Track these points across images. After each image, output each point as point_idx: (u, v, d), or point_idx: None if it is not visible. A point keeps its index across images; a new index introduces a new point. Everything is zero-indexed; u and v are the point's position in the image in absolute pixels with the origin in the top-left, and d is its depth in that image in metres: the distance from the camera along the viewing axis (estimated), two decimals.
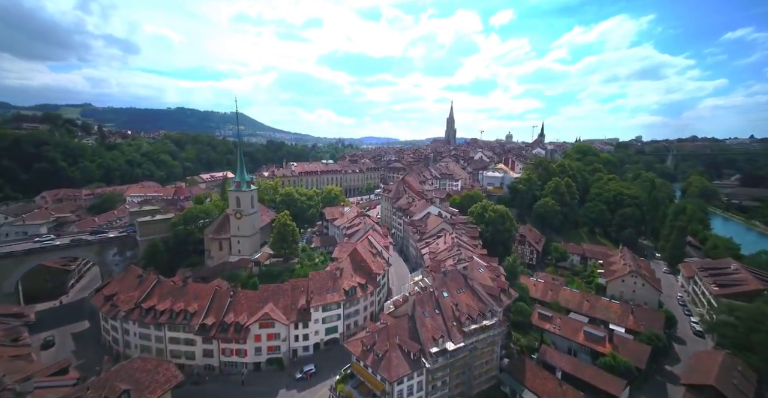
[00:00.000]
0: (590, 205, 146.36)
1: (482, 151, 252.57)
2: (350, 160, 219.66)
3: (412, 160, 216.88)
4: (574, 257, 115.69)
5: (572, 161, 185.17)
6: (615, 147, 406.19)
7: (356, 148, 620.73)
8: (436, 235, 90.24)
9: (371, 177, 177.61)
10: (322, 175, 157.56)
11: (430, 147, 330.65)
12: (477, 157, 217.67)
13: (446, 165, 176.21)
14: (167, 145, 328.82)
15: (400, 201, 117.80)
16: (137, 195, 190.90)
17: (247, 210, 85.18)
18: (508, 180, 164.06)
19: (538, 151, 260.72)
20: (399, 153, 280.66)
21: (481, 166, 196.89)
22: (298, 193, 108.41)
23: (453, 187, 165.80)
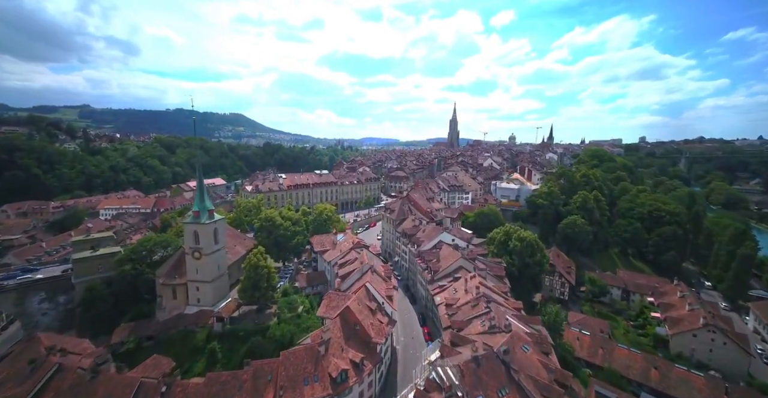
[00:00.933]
0: (623, 223, 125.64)
1: (491, 156, 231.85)
2: (348, 168, 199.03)
3: (415, 166, 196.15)
4: (614, 290, 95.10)
5: (593, 170, 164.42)
6: (624, 149, 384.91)
7: (356, 150, 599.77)
8: (453, 276, 69.66)
9: (370, 188, 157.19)
10: (315, 187, 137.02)
11: (434, 151, 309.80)
12: (486, 164, 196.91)
13: (455, 174, 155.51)
14: (156, 149, 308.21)
15: (404, 224, 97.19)
16: (112, 207, 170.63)
17: (208, 248, 64.67)
18: (525, 192, 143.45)
19: (550, 156, 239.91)
20: (401, 158, 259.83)
21: (492, 174, 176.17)
22: (281, 216, 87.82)
23: (463, 200, 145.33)
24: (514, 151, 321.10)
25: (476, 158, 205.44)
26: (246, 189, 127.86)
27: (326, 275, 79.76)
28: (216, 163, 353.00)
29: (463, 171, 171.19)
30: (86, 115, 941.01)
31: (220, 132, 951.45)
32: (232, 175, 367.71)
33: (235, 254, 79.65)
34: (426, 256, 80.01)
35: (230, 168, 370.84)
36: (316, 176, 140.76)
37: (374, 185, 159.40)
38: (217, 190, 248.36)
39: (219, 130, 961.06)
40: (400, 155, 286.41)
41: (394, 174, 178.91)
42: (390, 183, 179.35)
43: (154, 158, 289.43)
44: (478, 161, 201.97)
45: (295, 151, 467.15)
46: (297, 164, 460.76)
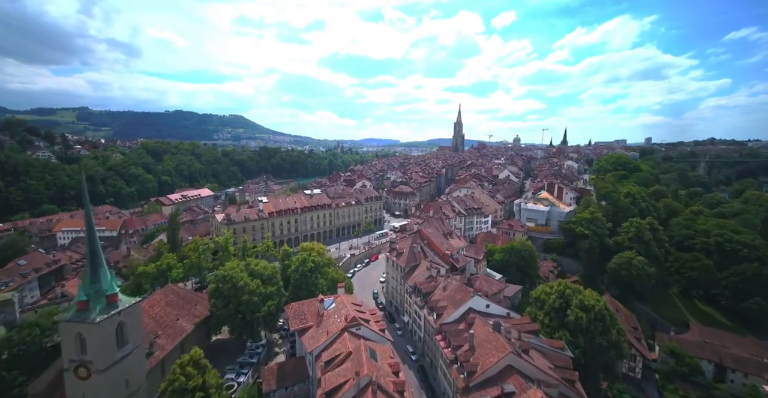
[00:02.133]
0: (686, 258, 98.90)
1: (505, 164, 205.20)
2: (345, 180, 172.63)
3: (422, 179, 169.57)
4: (703, 363, 68.71)
5: (630, 185, 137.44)
6: (639, 153, 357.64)
7: (356, 153, 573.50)
8: (501, 387, 43.43)
9: (371, 209, 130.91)
10: (305, 212, 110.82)
11: (439, 157, 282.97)
12: (503, 176, 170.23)
13: (471, 193, 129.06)
14: (141, 155, 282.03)
15: (416, 274, 71.08)
16: (70, 229, 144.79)
17: (105, 359, 38.53)
18: (556, 215, 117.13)
19: (569, 164, 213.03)
20: (404, 167, 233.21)
21: (512, 190, 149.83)
22: (249, 271, 61.70)
23: (483, 225, 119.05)
24: (525, 155, 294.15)
25: (491, 170, 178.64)
26: (216, 217, 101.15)
27: (307, 367, 53.62)
28: (208, 169, 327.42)
29: (479, 185, 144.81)
30: (84, 118, 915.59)
31: (219, 134, 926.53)
32: (225, 181, 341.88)
33: (173, 337, 53.50)
34: (452, 336, 53.70)
35: (223, 174, 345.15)
36: (306, 198, 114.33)
37: (375, 204, 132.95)
38: (203, 202, 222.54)
39: (218, 132, 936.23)
40: (403, 162, 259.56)
41: (398, 189, 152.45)
42: (394, 199, 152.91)
43: (138, 166, 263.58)
44: (492, 172, 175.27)
45: (293, 155, 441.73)
46: (294, 169, 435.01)
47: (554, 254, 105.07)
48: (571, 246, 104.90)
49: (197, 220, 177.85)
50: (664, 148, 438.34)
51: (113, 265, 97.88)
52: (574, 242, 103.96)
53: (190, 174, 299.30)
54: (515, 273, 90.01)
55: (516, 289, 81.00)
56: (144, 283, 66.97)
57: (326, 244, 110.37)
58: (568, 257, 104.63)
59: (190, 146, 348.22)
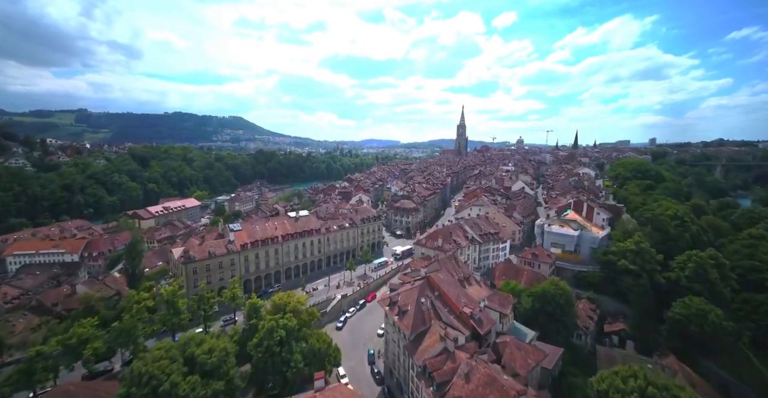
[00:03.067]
0: (760, 299, 78.32)
1: (516, 173, 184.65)
2: (340, 193, 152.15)
3: (426, 191, 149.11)
4: None
5: (669, 202, 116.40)
6: (652, 156, 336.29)
7: (356, 155, 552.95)
8: None
9: (369, 231, 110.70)
10: (288, 242, 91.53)
11: (443, 162, 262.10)
12: (516, 188, 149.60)
13: (485, 214, 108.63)
14: (127, 161, 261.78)
15: (425, 347, 50.92)
16: (23, 254, 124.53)
17: None
18: (589, 240, 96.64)
19: (585, 172, 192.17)
20: (405, 174, 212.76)
21: (530, 206, 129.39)
22: (185, 355, 41.71)
23: (500, 251, 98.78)
24: (534, 160, 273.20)
25: (502, 180, 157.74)
26: (173, 253, 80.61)
27: None
28: (199, 175, 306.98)
29: (491, 201, 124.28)
30: (83, 120, 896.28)
31: (219, 135, 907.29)
32: (217, 187, 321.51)
33: None
34: None
35: (216, 180, 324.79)
36: (290, 222, 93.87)
37: (374, 226, 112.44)
38: (189, 214, 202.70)
39: (217, 134, 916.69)
40: (404, 169, 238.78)
41: (400, 204, 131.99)
42: (395, 216, 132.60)
43: (122, 174, 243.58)
44: (504, 183, 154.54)
45: (290, 158, 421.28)
46: (291, 173, 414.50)
47: (590, 292, 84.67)
48: (610, 282, 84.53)
49: (177, 237, 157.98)
50: (676, 151, 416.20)
51: (48, 307, 77.86)
52: (615, 277, 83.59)
53: (179, 180, 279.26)
54: (548, 322, 69.93)
55: (556, 355, 60.75)
56: (40, 371, 46.46)
57: (312, 279, 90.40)
58: (608, 296, 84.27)
59: (182, 151, 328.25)
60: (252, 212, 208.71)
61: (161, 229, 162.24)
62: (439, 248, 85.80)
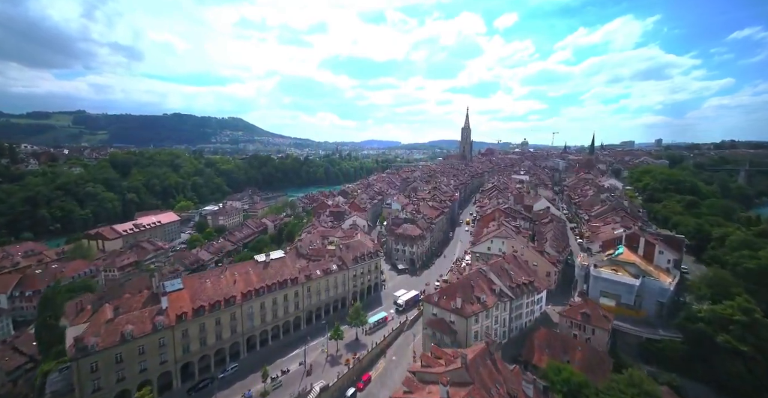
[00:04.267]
0: None
1: (535, 187, 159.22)
2: (332, 214, 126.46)
3: (432, 212, 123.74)
4: None
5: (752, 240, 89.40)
6: (668, 160, 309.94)
7: (355, 158, 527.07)
8: None
9: (365, 271, 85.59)
10: (251, 300, 66.88)
11: (447, 170, 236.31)
12: (540, 207, 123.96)
13: (509, 246, 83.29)
14: (105, 169, 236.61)
15: None
16: None
17: None
18: (656, 292, 71.26)
19: (611, 183, 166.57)
20: (407, 184, 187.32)
21: (560, 233, 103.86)
22: None
23: (535, 306, 73.52)
24: (548, 167, 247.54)
25: (521, 197, 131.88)
26: (68, 337, 54.58)
27: None
28: (186, 182, 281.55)
29: (513, 227, 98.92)
30: (81, 121, 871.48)
31: (218, 136, 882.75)
32: (206, 196, 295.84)
33: None
34: None
35: (205, 187, 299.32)
36: (257, 270, 68.42)
37: (370, 264, 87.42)
38: (165, 232, 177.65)
39: (216, 135, 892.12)
40: (406, 179, 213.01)
41: (402, 230, 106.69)
42: (396, 245, 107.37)
43: (98, 183, 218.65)
44: (524, 201, 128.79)
45: (286, 163, 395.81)
46: (287, 178, 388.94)
47: (671, 374, 59.26)
48: (700, 360, 59.32)
49: (144, 263, 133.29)
50: (692, 154, 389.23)
51: None
52: (709, 355, 58.39)
53: (163, 189, 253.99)
54: None
55: None
56: None
57: (285, 350, 65.12)
58: (699, 382, 58.82)
59: (168, 156, 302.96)
60: (237, 227, 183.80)
61: (126, 253, 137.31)
62: (459, 311, 60.79)
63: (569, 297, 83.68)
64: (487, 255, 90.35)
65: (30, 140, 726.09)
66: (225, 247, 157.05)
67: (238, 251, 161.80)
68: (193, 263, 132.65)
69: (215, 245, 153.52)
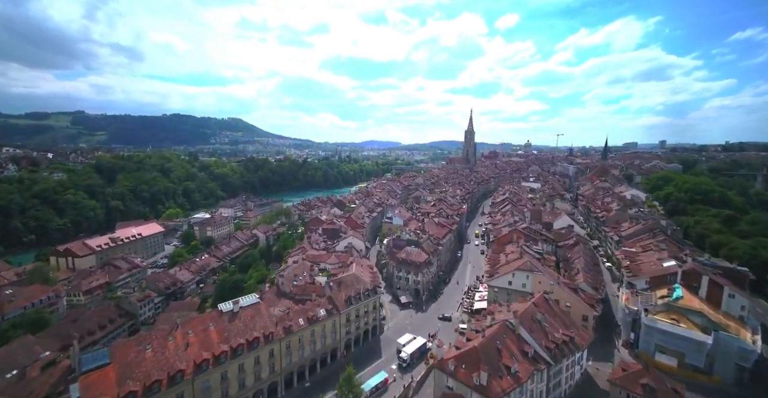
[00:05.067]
0: None
1: (548, 196, 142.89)
2: (324, 233, 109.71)
3: (440, 230, 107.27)
4: None
5: None
6: (682, 165, 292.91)
7: (355, 160, 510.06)
8: None
9: (360, 314, 69.49)
10: (204, 374, 45.62)
11: (451, 176, 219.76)
12: (561, 226, 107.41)
13: (536, 283, 66.78)
14: (88, 175, 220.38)
15: None
16: None
17: None
18: (735, 354, 54.78)
19: (633, 193, 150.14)
20: (409, 193, 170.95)
21: (590, 262, 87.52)
22: None
23: (575, 368, 57.01)
24: (558, 173, 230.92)
25: (539, 213, 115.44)
26: None
27: None
28: (177, 188, 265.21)
29: (533, 253, 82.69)
30: (79, 122, 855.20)
31: (217, 137, 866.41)
32: (199, 202, 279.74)
33: None
34: None
35: (198, 192, 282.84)
36: (219, 326, 52.59)
37: (369, 303, 71.12)
38: (146, 245, 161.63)
39: (216, 136, 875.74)
40: (408, 186, 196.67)
41: (405, 255, 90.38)
42: (398, 271, 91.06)
43: (80, 190, 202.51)
44: (543, 218, 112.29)
45: (283, 166, 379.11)
46: (285, 182, 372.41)
47: None
48: None
49: (115, 285, 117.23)
50: (704, 156, 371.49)
51: None
52: None
53: (152, 195, 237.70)
54: None
55: None
56: None
57: None
58: None
59: (159, 159, 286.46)
60: (225, 240, 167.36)
61: (96, 273, 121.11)
62: (484, 390, 44.50)
63: (609, 346, 67.52)
64: (508, 291, 74.09)
65: (28, 141, 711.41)
66: (209, 264, 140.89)
67: (224, 268, 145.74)
68: (169, 286, 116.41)
69: (198, 262, 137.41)
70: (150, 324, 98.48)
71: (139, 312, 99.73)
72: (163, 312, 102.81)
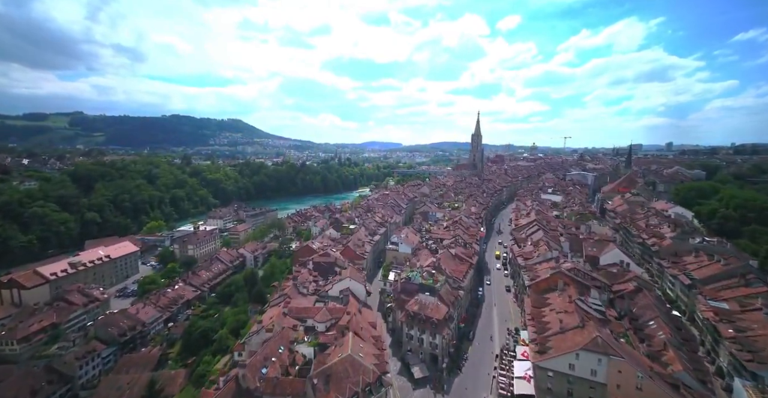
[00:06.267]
0: None
1: (579, 215, 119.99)
2: (315, 267, 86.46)
3: (460, 266, 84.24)
4: None
5: None
6: (705, 171, 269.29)
7: (355, 163, 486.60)
8: None
9: None
10: None
11: (460, 187, 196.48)
12: (610, 261, 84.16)
13: (617, 371, 44.04)
14: (63, 184, 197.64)
15: None
16: None
17: None
18: None
19: (678, 211, 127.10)
20: (416, 208, 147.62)
21: (664, 315, 64.58)
22: None
23: None
24: (575, 181, 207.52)
25: (579, 243, 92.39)
26: None
27: None
28: (163, 196, 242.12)
29: (589, 308, 60.18)
30: (77, 123, 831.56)
31: (216, 139, 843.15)
32: (188, 210, 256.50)
33: None
34: None
35: (187, 201, 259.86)
36: None
37: None
38: (116, 268, 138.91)
39: (215, 137, 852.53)
40: (413, 199, 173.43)
41: (418, 307, 67.75)
42: (409, 328, 68.28)
43: (51, 201, 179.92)
44: (586, 249, 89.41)
45: (280, 171, 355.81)
46: (282, 187, 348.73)
47: None
48: None
49: (62, 329, 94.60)
50: (725, 162, 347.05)
51: None
52: None
53: (134, 205, 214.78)
54: None
55: None
56: None
57: None
58: None
59: (146, 165, 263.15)
60: (207, 262, 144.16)
61: (42, 312, 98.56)
62: None
63: None
64: (569, 378, 51.26)
65: (24, 142, 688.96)
66: (184, 296, 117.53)
67: (203, 299, 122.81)
68: (125, 332, 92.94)
69: (169, 294, 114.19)
70: (93, 388, 76.31)
71: (78, 373, 77.15)
72: (111, 370, 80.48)
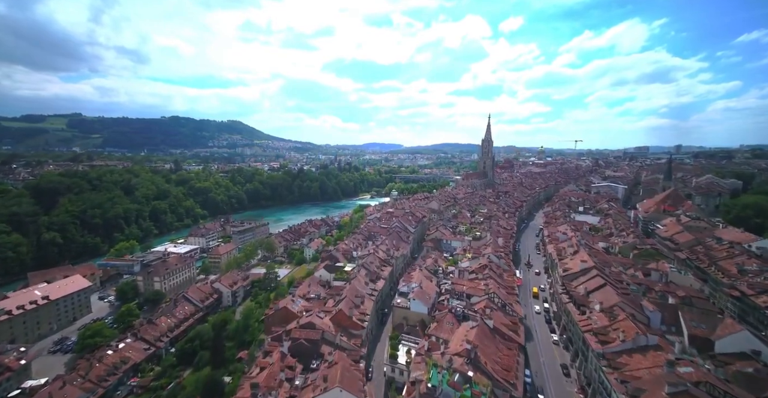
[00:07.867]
0: None
1: (630, 247, 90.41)
2: (293, 359, 58.85)
3: (506, 351, 54.55)
4: None
5: None
6: (736, 177, 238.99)
7: (356, 167, 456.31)
8: None
9: None
10: None
11: (472, 195, 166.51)
12: (737, 349, 54.68)
13: None
14: (17, 200, 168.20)
15: None
16: None
17: None
18: None
19: (762, 245, 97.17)
20: (426, 234, 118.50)
21: None
22: None
23: None
24: (607, 195, 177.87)
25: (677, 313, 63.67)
26: None
27: None
28: (140, 209, 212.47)
29: None
30: (75, 125, 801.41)
31: (215, 140, 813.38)
32: (170, 224, 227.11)
33: None
34: None
35: (171, 213, 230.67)
36: None
37: None
38: (56, 311, 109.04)
39: (214, 139, 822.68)
40: (422, 220, 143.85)
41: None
42: None
43: (1, 221, 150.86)
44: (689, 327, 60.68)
45: (275, 178, 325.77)
46: (277, 195, 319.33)
47: None
48: None
49: None
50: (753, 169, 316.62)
51: None
52: None
53: (105, 221, 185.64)
54: None
55: None
56: None
57: None
58: None
59: (123, 174, 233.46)
60: (166, 307, 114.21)
61: None
62: None
63: None
64: None
65: (19, 144, 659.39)
66: (128, 360, 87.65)
67: (157, 357, 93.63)
68: None
69: (108, 358, 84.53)
70: None
71: None
72: None
